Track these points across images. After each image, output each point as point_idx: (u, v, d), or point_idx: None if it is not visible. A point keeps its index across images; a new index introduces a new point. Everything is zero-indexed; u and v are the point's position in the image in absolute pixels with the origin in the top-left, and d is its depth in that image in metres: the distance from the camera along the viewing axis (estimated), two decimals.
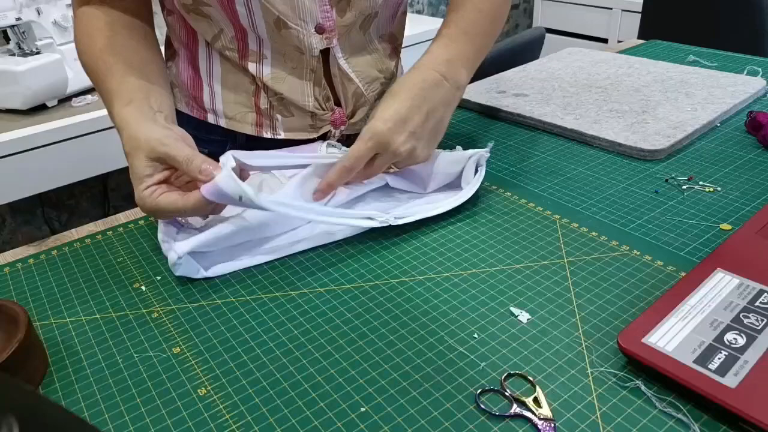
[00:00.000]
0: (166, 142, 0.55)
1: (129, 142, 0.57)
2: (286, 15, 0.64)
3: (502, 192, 0.68)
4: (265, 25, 0.64)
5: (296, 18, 0.64)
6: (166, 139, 0.55)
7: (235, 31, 0.67)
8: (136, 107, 0.59)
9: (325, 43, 0.67)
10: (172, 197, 0.54)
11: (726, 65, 1.01)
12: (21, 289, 0.57)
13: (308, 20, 0.65)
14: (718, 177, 0.68)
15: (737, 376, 0.40)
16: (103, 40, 0.64)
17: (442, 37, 0.67)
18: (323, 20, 0.65)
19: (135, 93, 0.61)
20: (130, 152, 0.56)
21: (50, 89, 1.40)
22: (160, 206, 0.54)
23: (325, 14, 0.65)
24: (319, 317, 0.51)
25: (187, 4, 0.65)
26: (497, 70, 1.05)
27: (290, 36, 0.65)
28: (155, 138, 0.55)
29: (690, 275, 0.50)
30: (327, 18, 0.66)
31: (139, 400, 0.44)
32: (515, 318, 0.49)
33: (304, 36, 0.65)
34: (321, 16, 0.65)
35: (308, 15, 0.64)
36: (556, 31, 2.91)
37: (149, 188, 0.54)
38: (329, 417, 0.42)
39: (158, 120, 0.59)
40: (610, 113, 0.83)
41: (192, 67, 0.73)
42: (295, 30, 0.65)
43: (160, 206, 0.54)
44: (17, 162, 1.31)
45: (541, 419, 0.40)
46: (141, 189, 0.55)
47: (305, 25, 0.65)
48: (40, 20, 1.39)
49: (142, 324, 0.51)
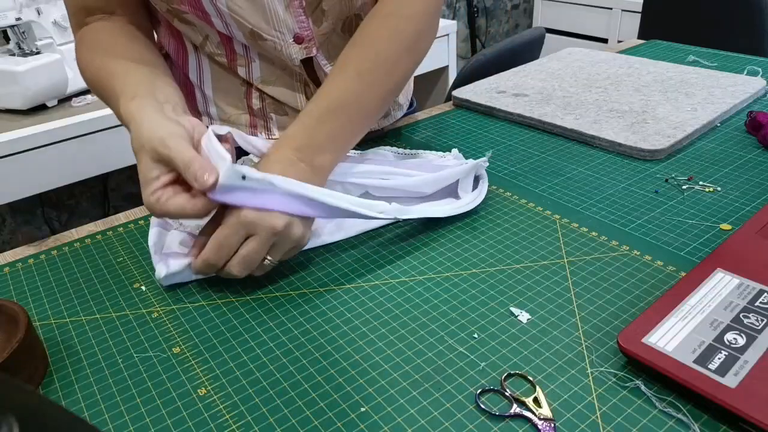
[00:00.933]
0: (168, 143, 0.52)
1: (135, 140, 0.54)
2: (260, 27, 0.62)
3: (502, 192, 0.68)
4: (242, 35, 0.64)
5: (271, 29, 0.63)
6: (169, 139, 0.52)
7: (220, 37, 0.66)
8: (141, 101, 0.57)
9: (304, 53, 0.66)
10: (180, 202, 0.52)
11: (726, 65, 1.01)
12: (21, 289, 0.57)
13: (284, 31, 0.63)
14: (718, 177, 0.68)
15: (737, 376, 0.40)
16: (102, 51, 0.63)
17: (304, 115, 0.58)
18: (300, 30, 0.64)
19: (139, 88, 0.59)
20: (136, 152, 0.54)
21: (50, 89, 1.40)
22: (169, 212, 0.52)
23: (301, 24, 0.64)
24: (319, 317, 0.51)
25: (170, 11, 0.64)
26: (497, 70, 1.05)
27: (268, 47, 0.64)
28: (158, 137, 0.52)
29: (690, 275, 0.50)
30: (304, 28, 0.64)
31: (139, 400, 0.44)
32: (515, 318, 0.49)
33: (282, 47, 0.64)
34: (297, 27, 0.64)
35: (284, 26, 0.63)
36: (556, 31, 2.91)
37: (156, 193, 0.52)
38: (329, 417, 0.42)
39: (166, 111, 0.56)
40: (610, 113, 0.83)
41: (182, 73, 0.73)
42: (271, 42, 0.64)
43: (169, 212, 0.52)
44: (17, 162, 1.31)
45: (541, 419, 0.40)
46: (148, 193, 0.52)
47: (282, 36, 0.64)
48: (40, 20, 1.39)
49: (142, 324, 0.51)
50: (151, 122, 0.54)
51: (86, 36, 0.66)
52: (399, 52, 0.61)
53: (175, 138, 0.53)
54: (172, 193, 0.52)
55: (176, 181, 0.53)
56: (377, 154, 0.70)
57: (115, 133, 1.42)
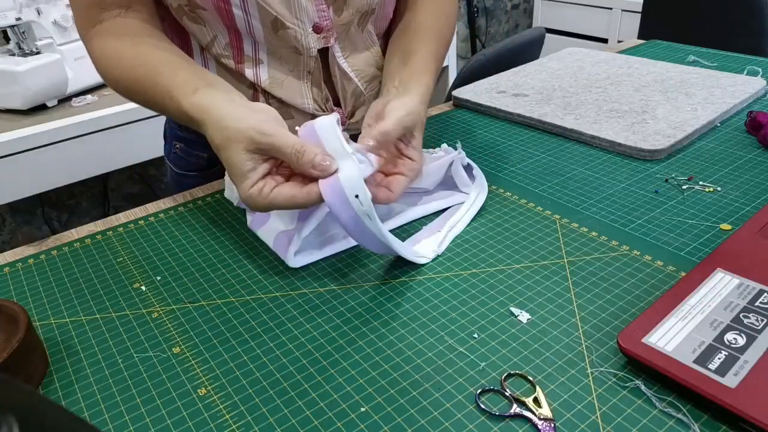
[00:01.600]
0: (266, 130, 0.48)
1: (218, 133, 0.50)
2: (283, 15, 0.63)
3: (502, 192, 0.68)
4: (261, 27, 0.64)
5: (293, 18, 0.64)
6: (265, 126, 0.49)
7: (230, 37, 0.66)
8: (206, 92, 0.53)
9: (322, 42, 0.67)
10: (288, 192, 0.49)
11: (726, 65, 1.01)
12: (21, 289, 0.57)
13: (305, 20, 0.64)
14: (718, 177, 0.68)
15: (737, 376, 0.40)
16: (133, 48, 0.61)
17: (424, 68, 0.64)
18: (320, 19, 0.65)
19: (195, 80, 0.55)
20: (222, 145, 0.50)
21: (50, 89, 1.40)
22: (275, 203, 0.49)
23: (321, 13, 0.65)
24: (319, 317, 0.51)
25: (182, 5, 0.64)
26: (497, 70, 1.05)
27: (288, 36, 0.65)
28: (251, 126, 0.49)
29: (690, 275, 0.50)
30: (324, 17, 0.65)
31: (139, 400, 0.44)
32: (515, 318, 0.49)
33: (301, 36, 0.65)
34: (317, 16, 0.65)
35: (304, 14, 0.64)
36: (556, 31, 2.91)
37: (256, 185, 0.49)
38: (329, 417, 0.42)
39: (236, 101, 0.53)
40: (610, 113, 0.83)
41: None
42: (292, 30, 0.64)
43: (275, 203, 0.49)
44: (17, 162, 1.31)
45: (541, 419, 0.40)
46: (247, 186, 0.49)
47: (302, 25, 0.64)
48: (40, 20, 1.39)
49: (142, 324, 0.51)
50: (232, 112, 0.50)
51: (106, 34, 0.62)
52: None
53: (272, 124, 0.49)
54: (274, 183, 0.49)
55: (270, 172, 0.50)
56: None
57: (115, 133, 1.42)
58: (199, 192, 0.72)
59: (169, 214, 0.68)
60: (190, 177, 0.82)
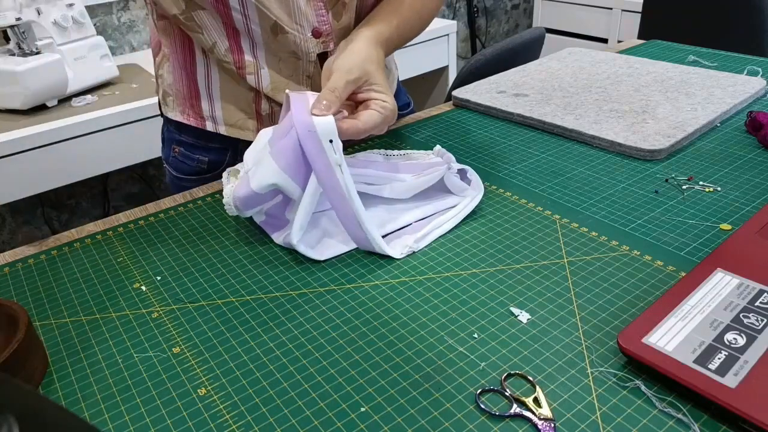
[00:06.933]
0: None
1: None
2: (283, 20, 0.63)
3: (502, 192, 0.68)
4: (261, 31, 0.64)
5: (292, 22, 0.63)
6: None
7: (230, 44, 0.66)
8: None
9: (321, 47, 0.67)
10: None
11: (726, 65, 1.01)
12: (21, 289, 0.57)
13: (304, 24, 0.64)
14: (718, 177, 0.68)
15: (737, 376, 0.40)
16: None
17: (378, 18, 0.66)
18: (319, 24, 0.65)
19: None
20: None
21: (50, 89, 1.40)
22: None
23: (320, 18, 0.65)
24: (319, 317, 0.51)
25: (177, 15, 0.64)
26: (497, 70, 1.05)
27: (287, 41, 0.65)
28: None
29: (690, 275, 0.50)
30: (323, 22, 0.65)
31: (139, 400, 0.44)
32: (515, 318, 0.49)
33: (300, 41, 0.65)
34: (317, 20, 0.65)
35: (304, 19, 0.64)
36: (556, 31, 2.91)
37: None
38: (329, 417, 0.42)
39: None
40: (610, 113, 0.83)
41: (187, 74, 0.72)
42: (292, 35, 0.64)
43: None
44: (17, 162, 1.31)
45: (541, 419, 0.40)
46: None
47: (302, 30, 0.64)
48: (40, 20, 1.39)
49: (142, 324, 0.51)
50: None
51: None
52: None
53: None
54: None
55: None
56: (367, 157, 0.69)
57: (115, 133, 1.42)
58: (199, 192, 0.72)
59: (169, 214, 0.68)
60: (189, 181, 0.82)
